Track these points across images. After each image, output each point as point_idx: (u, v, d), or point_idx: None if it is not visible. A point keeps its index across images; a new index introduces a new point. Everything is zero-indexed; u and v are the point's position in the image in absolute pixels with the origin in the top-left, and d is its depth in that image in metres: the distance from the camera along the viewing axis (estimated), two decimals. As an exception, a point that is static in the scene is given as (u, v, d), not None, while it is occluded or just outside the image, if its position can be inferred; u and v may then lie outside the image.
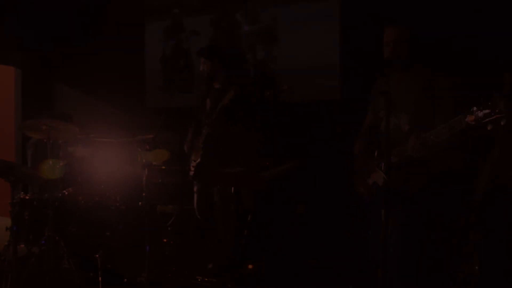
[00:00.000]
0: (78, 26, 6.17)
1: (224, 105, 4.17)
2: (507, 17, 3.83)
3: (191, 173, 4.26)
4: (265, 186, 3.85)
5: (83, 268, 3.73)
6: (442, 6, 4.12)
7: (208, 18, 5.47)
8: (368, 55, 3.44)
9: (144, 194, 3.71)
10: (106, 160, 4.31)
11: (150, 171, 3.68)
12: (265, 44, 5.17)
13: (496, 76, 3.15)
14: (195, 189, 4.41)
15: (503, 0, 3.89)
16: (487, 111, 2.43)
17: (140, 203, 3.94)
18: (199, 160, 4.23)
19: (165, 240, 4.09)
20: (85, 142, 4.27)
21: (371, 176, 3.11)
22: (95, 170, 4.27)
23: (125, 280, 3.78)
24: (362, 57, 4.25)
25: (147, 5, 5.95)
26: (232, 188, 3.74)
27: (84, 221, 3.98)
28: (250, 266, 4.01)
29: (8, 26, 6.10)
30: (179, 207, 4.42)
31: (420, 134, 2.79)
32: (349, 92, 4.65)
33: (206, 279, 3.88)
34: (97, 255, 3.69)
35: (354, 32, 4.56)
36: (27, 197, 3.95)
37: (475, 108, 2.48)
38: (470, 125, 2.53)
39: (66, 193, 4.05)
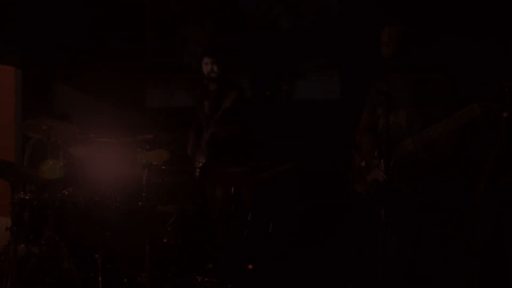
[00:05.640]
0: (78, 26, 6.17)
1: (227, 107, 4.18)
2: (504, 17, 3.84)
3: (197, 174, 4.27)
4: (265, 186, 3.85)
5: (83, 268, 3.73)
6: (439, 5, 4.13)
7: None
8: (367, 54, 3.44)
9: (144, 194, 3.71)
10: (106, 160, 4.31)
11: (150, 171, 3.68)
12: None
13: (493, 74, 3.16)
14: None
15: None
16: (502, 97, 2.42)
17: (140, 203, 3.94)
18: (204, 160, 4.24)
19: (165, 240, 4.09)
20: (85, 142, 4.27)
21: (371, 173, 3.11)
22: (95, 170, 4.27)
23: (125, 280, 3.78)
24: (362, 56, 4.25)
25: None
26: (232, 188, 3.74)
27: (84, 221, 3.98)
28: (250, 266, 4.01)
29: (8, 26, 6.10)
30: (179, 207, 4.42)
31: (416, 136, 2.79)
32: (349, 92, 4.65)
33: (206, 279, 3.88)
34: (97, 255, 3.69)
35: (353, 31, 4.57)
36: (27, 197, 3.95)
37: (492, 96, 2.47)
38: (484, 113, 2.52)
39: (66, 193, 4.05)
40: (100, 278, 3.63)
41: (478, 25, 3.92)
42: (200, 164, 4.29)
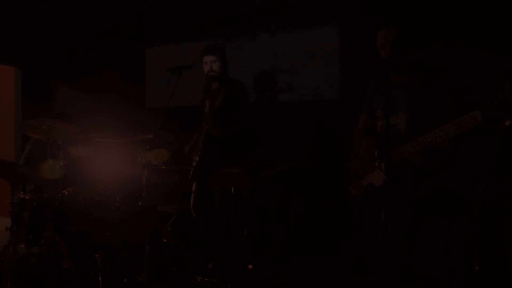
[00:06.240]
0: (78, 26, 6.17)
1: (217, 106, 4.17)
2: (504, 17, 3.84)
3: (191, 173, 4.26)
4: (265, 186, 3.85)
5: (83, 268, 3.73)
6: (439, 5, 4.13)
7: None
8: (367, 55, 3.44)
9: (144, 194, 3.71)
10: (106, 160, 4.31)
11: (150, 171, 3.68)
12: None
13: (494, 75, 3.16)
14: (193, 188, 4.42)
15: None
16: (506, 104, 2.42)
17: (140, 203, 3.94)
18: (198, 159, 4.23)
19: (165, 240, 4.09)
20: (85, 142, 4.27)
21: (367, 176, 3.10)
22: (95, 170, 4.27)
23: (125, 280, 3.78)
24: (362, 58, 4.25)
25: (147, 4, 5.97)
26: (232, 188, 3.74)
27: (84, 221, 3.98)
28: (250, 266, 4.01)
29: (8, 26, 6.10)
30: (179, 207, 4.42)
31: (416, 140, 2.79)
32: (349, 92, 4.65)
33: (206, 279, 3.88)
34: (97, 255, 3.69)
35: (353, 33, 4.57)
36: (27, 197, 3.96)
37: (495, 103, 2.46)
38: (486, 120, 2.51)
39: (66, 193, 4.05)
40: (100, 278, 3.63)
41: (479, 28, 3.92)
42: (194, 164, 4.28)
